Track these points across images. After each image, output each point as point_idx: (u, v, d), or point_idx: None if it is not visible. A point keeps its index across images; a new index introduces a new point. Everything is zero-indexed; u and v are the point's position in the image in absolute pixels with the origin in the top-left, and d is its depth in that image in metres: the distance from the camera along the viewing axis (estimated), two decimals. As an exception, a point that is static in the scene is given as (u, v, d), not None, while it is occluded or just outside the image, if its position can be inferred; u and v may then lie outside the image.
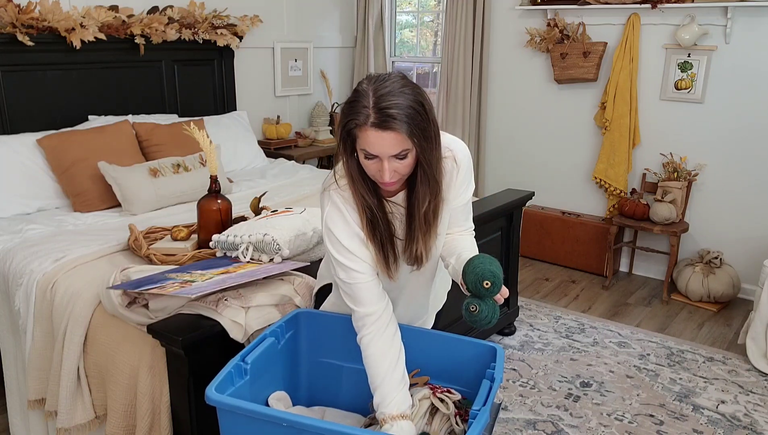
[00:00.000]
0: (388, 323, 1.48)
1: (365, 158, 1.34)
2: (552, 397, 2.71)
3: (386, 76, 1.34)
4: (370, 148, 1.31)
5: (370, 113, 1.28)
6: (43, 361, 2.09)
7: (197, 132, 2.22)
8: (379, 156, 1.32)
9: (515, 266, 3.19)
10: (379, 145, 1.30)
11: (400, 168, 1.35)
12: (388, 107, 1.27)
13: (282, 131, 4.42)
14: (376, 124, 1.28)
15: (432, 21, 5.13)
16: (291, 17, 4.54)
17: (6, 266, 2.32)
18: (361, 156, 1.35)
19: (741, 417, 2.59)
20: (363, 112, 1.29)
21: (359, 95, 1.31)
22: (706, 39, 3.63)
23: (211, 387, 1.34)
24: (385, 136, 1.29)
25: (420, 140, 1.31)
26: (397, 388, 1.43)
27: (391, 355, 1.46)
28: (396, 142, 1.30)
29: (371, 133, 1.29)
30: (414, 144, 1.32)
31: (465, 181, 1.54)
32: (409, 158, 1.35)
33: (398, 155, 1.32)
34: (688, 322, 3.50)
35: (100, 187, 2.88)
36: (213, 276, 1.82)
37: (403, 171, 1.36)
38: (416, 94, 1.31)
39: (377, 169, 1.35)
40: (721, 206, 3.78)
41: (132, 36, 3.40)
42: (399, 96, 1.29)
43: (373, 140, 1.29)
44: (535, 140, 4.45)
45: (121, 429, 1.83)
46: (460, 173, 1.52)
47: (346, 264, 1.45)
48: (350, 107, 1.32)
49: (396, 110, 1.27)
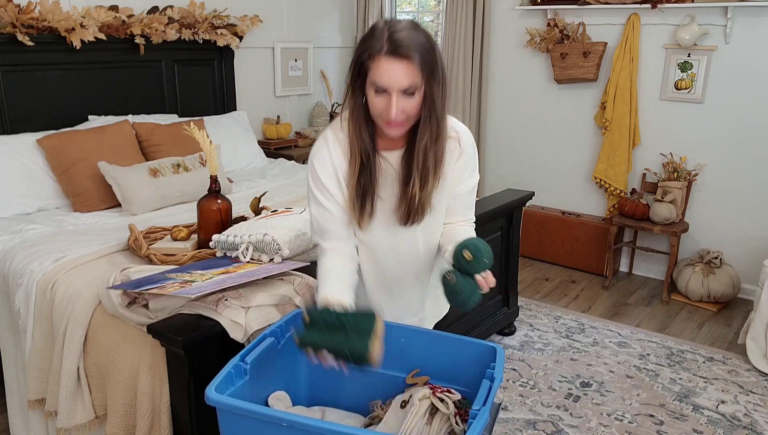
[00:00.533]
0: (349, 259, 1.53)
1: (375, 93, 1.36)
2: (552, 397, 2.71)
3: (401, 19, 1.39)
4: (381, 78, 1.33)
5: (384, 44, 1.33)
6: (43, 361, 2.09)
7: (197, 132, 2.22)
8: (388, 89, 1.34)
9: (515, 266, 3.19)
10: (391, 74, 1.32)
11: (407, 106, 1.37)
12: (403, 39, 1.32)
13: (282, 131, 4.42)
14: (389, 51, 1.32)
15: (432, 21, 5.13)
16: (291, 17, 4.54)
17: (6, 266, 2.32)
18: (371, 93, 1.37)
19: (741, 417, 2.59)
20: (378, 42, 1.33)
21: (375, 30, 1.37)
22: (706, 39, 3.63)
23: (211, 387, 1.34)
24: (397, 65, 1.32)
25: (429, 77, 1.35)
26: (339, 283, 1.47)
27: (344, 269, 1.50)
28: (407, 72, 1.33)
29: (384, 62, 1.32)
30: (423, 79, 1.35)
31: (468, 166, 1.56)
32: (417, 97, 1.37)
33: (407, 91, 1.35)
34: (688, 322, 3.50)
35: (100, 187, 2.88)
36: (213, 276, 1.82)
37: (410, 111, 1.38)
38: (428, 37, 1.37)
39: (384, 106, 1.36)
40: (721, 206, 3.78)
41: (132, 36, 3.40)
42: (413, 33, 1.34)
43: (386, 69, 1.32)
44: (535, 140, 4.45)
45: (121, 429, 1.83)
46: (462, 156, 1.53)
47: (320, 200, 1.51)
48: (365, 40, 1.37)
49: (408, 41, 1.32)
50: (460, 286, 1.36)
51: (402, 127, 1.41)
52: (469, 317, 2.87)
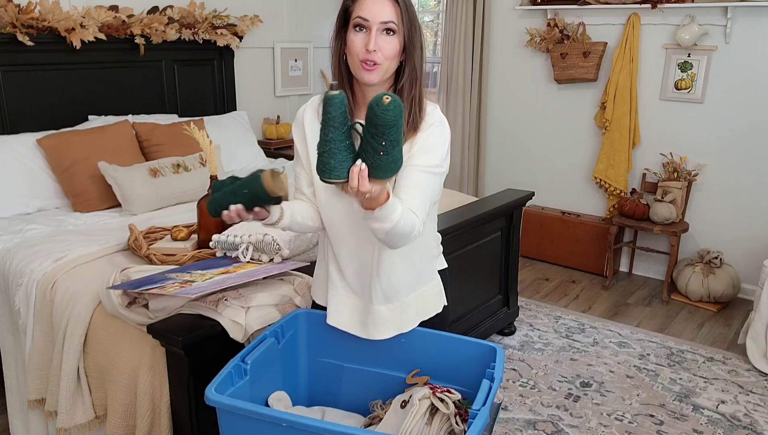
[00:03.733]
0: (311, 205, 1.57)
1: (355, 29, 1.41)
2: (552, 397, 2.71)
3: None
4: (363, 10, 1.40)
5: None
6: (43, 361, 2.09)
7: (197, 132, 2.22)
8: (369, 21, 1.39)
9: (515, 266, 3.19)
10: (374, 6, 1.39)
11: (384, 45, 1.40)
12: None
13: (282, 131, 4.42)
14: None
15: (432, 21, 5.13)
16: (291, 17, 4.54)
17: (6, 266, 2.32)
18: (352, 32, 1.42)
19: (741, 417, 2.59)
20: None
21: None
22: (706, 39, 3.63)
23: (211, 387, 1.34)
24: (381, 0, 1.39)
25: (408, 22, 1.42)
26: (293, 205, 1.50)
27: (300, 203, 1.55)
28: (388, 6, 1.40)
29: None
30: (403, 23, 1.41)
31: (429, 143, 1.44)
32: (395, 40, 1.41)
33: (387, 26, 1.40)
34: (688, 322, 3.50)
35: (100, 187, 2.88)
36: (213, 276, 1.82)
37: (387, 52, 1.41)
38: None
39: (364, 43, 1.40)
40: (721, 206, 3.78)
41: (132, 36, 3.40)
42: None
43: (370, 3, 1.39)
44: (535, 140, 4.45)
45: (121, 429, 1.83)
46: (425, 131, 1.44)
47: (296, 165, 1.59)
48: None
49: None
50: (394, 102, 1.18)
51: (377, 70, 1.41)
52: (470, 317, 2.87)
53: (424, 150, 1.43)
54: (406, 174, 1.42)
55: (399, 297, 1.54)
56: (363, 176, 1.20)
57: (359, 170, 1.20)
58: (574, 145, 4.28)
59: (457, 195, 3.25)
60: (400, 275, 1.53)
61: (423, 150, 1.43)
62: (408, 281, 1.55)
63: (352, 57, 1.43)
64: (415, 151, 1.43)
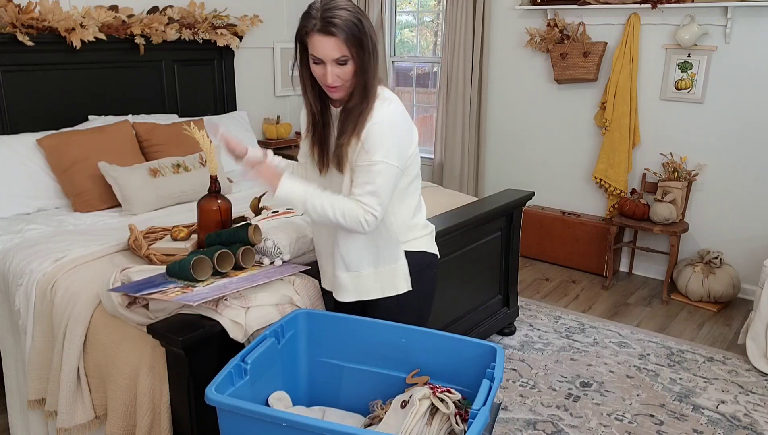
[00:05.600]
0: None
1: (314, 63, 1.59)
2: (552, 397, 2.71)
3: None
4: (316, 51, 1.57)
5: (317, 21, 1.54)
6: (43, 361, 2.09)
7: (197, 132, 2.21)
8: (323, 60, 1.57)
9: (515, 266, 3.19)
10: (322, 48, 1.55)
11: (341, 74, 1.58)
12: (332, 17, 1.53)
13: (282, 131, 4.42)
14: (320, 29, 1.54)
15: (432, 21, 5.13)
16: (291, 17, 4.54)
17: (6, 266, 2.32)
18: (312, 62, 1.60)
19: (741, 417, 2.59)
20: (311, 21, 1.55)
21: (311, 8, 1.58)
22: (706, 39, 3.64)
23: (211, 387, 1.34)
24: (327, 40, 1.54)
25: (357, 49, 1.56)
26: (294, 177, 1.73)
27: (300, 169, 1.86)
28: (336, 46, 1.54)
29: (316, 38, 1.55)
30: (351, 52, 1.56)
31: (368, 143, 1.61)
32: (349, 66, 1.58)
33: (339, 60, 1.56)
34: (688, 322, 3.50)
35: (100, 187, 2.88)
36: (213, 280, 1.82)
37: (345, 77, 1.59)
38: (357, 13, 1.57)
39: (323, 73, 1.59)
40: (721, 206, 3.78)
41: (132, 36, 3.41)
42: (342, 11, 1.55)
43: (318, 44, 1.55)
44: (535, 140, 4.45)
45: (121, 429, 1.83)
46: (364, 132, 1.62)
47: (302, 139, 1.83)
48: (302, 18, 1.58)
49: (337, 20, 1.53)
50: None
51: (341, 90, 1.62)
52: (469, 317, 2.87)
53: (365, 150, 1.62)
54: (357, 173, 1.64)
55: (357, 268, 1.75)
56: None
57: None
58: (574, 145, 4.28)
59: (457, 195, 3.25)
60: (356, 249, 1.73)
61: (363, 150, 1.62)
62: (365, 256, 1.74)
63: (316, 77, 1.63)
64: (359, 152, 1.62)
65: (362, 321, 1.67)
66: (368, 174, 1.61)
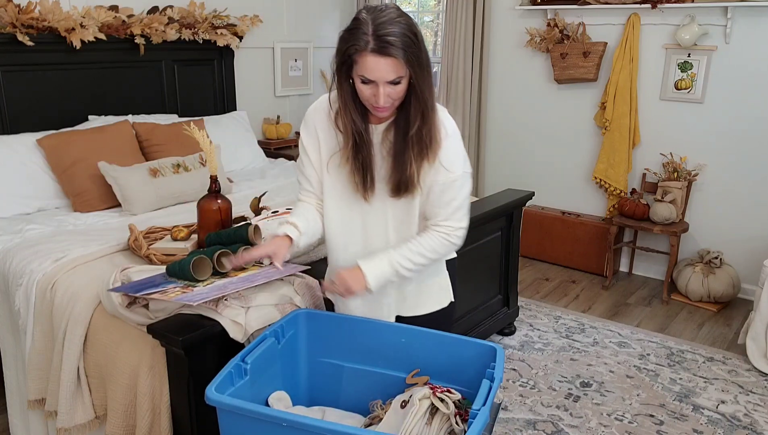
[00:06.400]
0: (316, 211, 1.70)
1: (361, 83, 1.44)
2: (552, 397, 2.71)
3: (383, 7, 1.43)
4: (368, 73, 1.40)
5: (369, 39, 1.37)
6: (43, 361, 2.09)
7: (197, 132, 2.21)
8: (375, 81, 1.41)
9: (515, 266, 3.19)
10: (377, 70, 1.39)
11: (393, 93, 1.44)
12: (387, 35, 1.37)
13: (282, 131, 4.42)
14: (375, 50, 1.38)
15: (432, 21, 5.13)
16: (291, 17, 4.54)
17: (6, 266, 2.32)
18: (358, 81, 1.44)
19: (741, 417, 2.59)
20: (363, 38, 1.38)
21: (359, 23, 1.40)
22: (706, 39, 3.63)
23: (211, 387, 1.34)
24: (383, 61, 1.38)
25: (414, 66, 1.41)
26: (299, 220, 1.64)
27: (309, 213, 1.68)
28: (393, 67, 1.39)
29: (370, 59, 1.38)
30: (409, 70, 1.42)
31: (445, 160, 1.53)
32: (402, 84, 1.44)
33: (393, 81, 1.41)
34: (688, 322, 3.50)
35: (100, 187, 2.88)
36: (213, 280, 1.83)
37: (396, 96, 1.45)
38: (410, 24, 1.42)
39: (372, 93, 1.44)
40: (721, 206, 3.78)
41: (132, 36, 3.40)
42: (396, 25, 1.38)
43: (372, 65, 1.39)
44: (535, 140, 4.45)
45: (121, 429, 1.83)
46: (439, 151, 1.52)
47: (301, 149, 1.66)
48: (350, 34, 1.41)
49: (393, 37, 1.37)
50: None
51: (389, 110, 1.49)
52: (470, 317, 2.87)
53: (444, 168, 1.52)
54: (438, 192, 1.54)
55: (399, 287, 1.67)
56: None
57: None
58: (574, 145, 4.28)
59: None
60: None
61: (443, 168, 1.52)
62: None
63: (361, 96, 1.48)
64: (436, 170, 1.52)
65: (362, 321, 1.67)
66: (452, 190, 1.55)
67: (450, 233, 1.58)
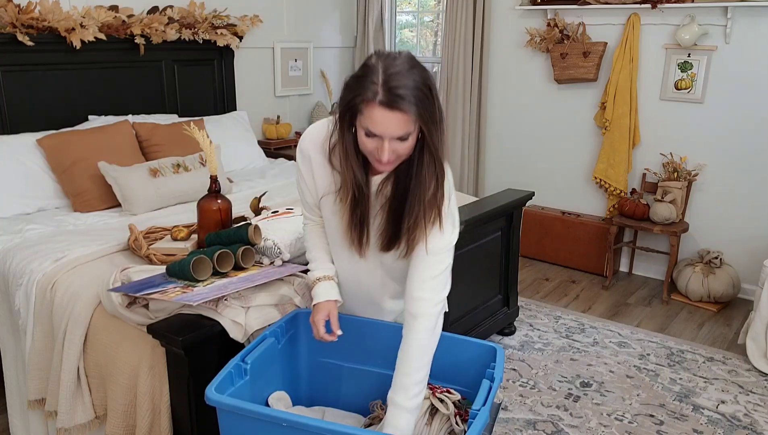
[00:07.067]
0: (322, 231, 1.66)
1: (366, 136, 1.32)
2: (552, 397, 2.71)
3: (396, 55, 1.31)
4: (374, 126, 1.28)
5: (378, 90, 1.25)
6: (43, 361, 2.09)
7: (197, 132, 2.21)
8: (381, 135, 1.29)
9: (515, 266, 3.19)
10: (384, 124, 1.27)
11: (399, 149, 1.32)
12: (398, 87, 1.25)
13: (282, 131, 4.42)
14: (384, 102, 1.26)
15: (432, 21, 5.13)
16: (291, 17, 4.54)
17: (6, 266, 2.32)
18: (361, 132, 1.33)
19: (741, 417, 2.59)
20: (372, 88, 1.26)
21: (369, 70, 1.28)
22: (706, 39, 3.63)
23: (211, 387, 1.34)
24: (392, 116, 1.26)
25: (428, 123, 1.30)
26: (324, 259, 1.64)
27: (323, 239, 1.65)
28: (402, 123, 1.27)
29: (378, 112, 1.27)
30: (422, 126, 1.30)
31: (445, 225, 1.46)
32: (410, 141, 1.32)
33: (401, 137, 1.30)
34: (688, 322, 3.50)
35: (100, 187, 2.88)
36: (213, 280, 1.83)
37: (403, 153, 1.34)
38: (424, 77, 1.29)
39: (375, 147, 1.32)
40: (721, 206, 3.78)
41: (132, 36, 3.40)
42: (408, 77, 1.26)
43: (379, 119, 1.27)
44: (535, 140, 4.45)
45: (121, 429, 1.83)
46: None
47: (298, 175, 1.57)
48: (358, 81, 1.29)
49: (405, 90, 1.25)
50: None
51: (393, 165, 1.37)
52: (470, 317, 2.87)
53: (441, 231, 1.45)
54: (427, 264, 1.45)
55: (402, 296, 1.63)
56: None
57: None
58: (574, 145, 4.28)
59: (457, 195, 3.24)
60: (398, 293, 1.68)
61: (439, 232, 1.45)
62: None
63: (363, 149, 1.36)
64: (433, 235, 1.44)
65: (362, 321, 1.67)
66: (442, 253, 1.48)
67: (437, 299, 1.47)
